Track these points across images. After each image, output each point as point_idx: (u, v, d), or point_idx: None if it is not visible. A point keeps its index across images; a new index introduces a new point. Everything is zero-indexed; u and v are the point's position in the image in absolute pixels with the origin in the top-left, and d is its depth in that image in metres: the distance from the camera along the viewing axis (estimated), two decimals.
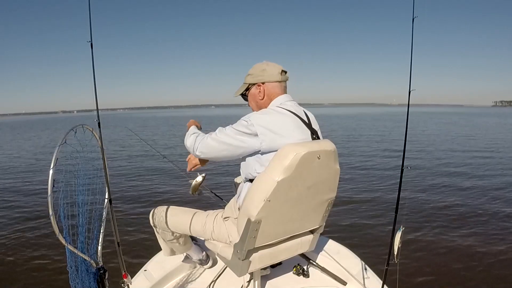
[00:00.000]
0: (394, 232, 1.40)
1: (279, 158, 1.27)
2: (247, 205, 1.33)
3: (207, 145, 1.39)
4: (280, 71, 1.48)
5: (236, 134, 1.34)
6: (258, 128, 1.31)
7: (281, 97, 1.47)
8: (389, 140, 14.20)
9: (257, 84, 1.49)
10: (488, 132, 18.80)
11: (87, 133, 1.31)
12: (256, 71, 1.50)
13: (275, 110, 1.41)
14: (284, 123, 1.36)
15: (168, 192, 5.80)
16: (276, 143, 1.32)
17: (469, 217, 4.42)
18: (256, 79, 1.49)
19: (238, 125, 1.34)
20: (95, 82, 1.26)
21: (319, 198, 1.47)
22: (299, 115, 1.43)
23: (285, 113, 1.40)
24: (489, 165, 8.33)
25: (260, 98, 1.49)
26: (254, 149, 1.34)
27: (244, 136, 1.33)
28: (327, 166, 1.39)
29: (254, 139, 1.32)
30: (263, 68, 1.49)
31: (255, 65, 1.52)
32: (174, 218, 1.67)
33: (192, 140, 1.46)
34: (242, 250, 1.38)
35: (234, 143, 1.34)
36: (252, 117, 1.34)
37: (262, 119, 1.33)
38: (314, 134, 1.44)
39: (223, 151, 1.37)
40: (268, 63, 1.51)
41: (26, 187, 6.51)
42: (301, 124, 1.41)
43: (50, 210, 1.04)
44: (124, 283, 1.30)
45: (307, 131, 1.42)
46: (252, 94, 1.52)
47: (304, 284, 1.83)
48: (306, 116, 1.47)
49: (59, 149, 1.08)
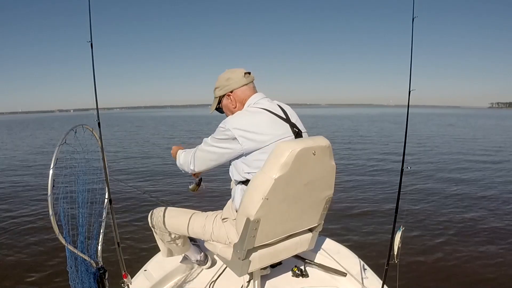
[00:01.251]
0: (394, 232, 1.40)
1: (275, 156, 1.28)
2: (246, 205, 1.34)
3: (197, 158, 1.47)
4: (243, 74, 1.50)
5: (216, 142, 1.39)
6: (234, 132, 1.33)
7: (252, 98, 1.49)
8: (389, 141, 14.21)
9: (226, 94, 1.52)
10: (488, 133, 18.83)
11: (87, 133, 1.31)
12: (222, 82, 1.52)
13: (248, 111, 1.44)
14: (259, 121, 1.37)
15: (167, 193, 5.80)
16: (256, 142, 1.34)
17: (469, 217, 4.43)
18: (225, 89, 1.52)
19: (216, 133, 1.39)
20: (95, 82, 1.26)
21: (316, 195, 1.48)
22: (273, 111, 1.43)
23: (259, 111, 1.42)
24: (490, 166, 8.35)
25: (234, 107, 1.52)
26: (237, 152, 1.37)
27: (224, 142, 1.37)
28: (322, 162, 1.40)
29: (234, 143, 1.35)
30: (227, 77, 1.51)
31: (219, 77, 1.55)
32: (173, 220, 1.67)
33: (184, 157, 1.54)
34: (242, 250, 1.39)
35: (217, 151, 1.40)
36: (227, 122, 1.37)
37: (236, 122, 1.36)
38: (294, 127, 1.44)
39: (211, 160, 1.44)
40: (231, 70, 1.53)
41: (25, 187, 6.50)
42: (277, 119, 1.42)
43: (50, 210, 1.04)
44: (124, 283, 1.30)
45: (285, 125, 1.42)
46: (225, 105, 1.55)
47: (304, 284, 1.84)
48: (283, 111, 1.48)
49: (59, 149, 1.08)
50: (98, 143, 1.32)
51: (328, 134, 17.04)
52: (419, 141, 13.55)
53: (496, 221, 4.29)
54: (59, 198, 1.16)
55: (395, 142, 13.64)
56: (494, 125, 26.95)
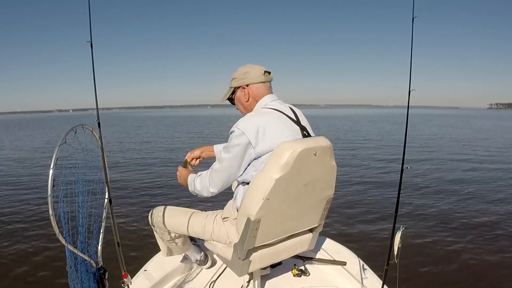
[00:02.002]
0: (394, 232, 1.40)
1: (276, 156, 1.28)
2: (246, 205, 1.34)
3: (214, 178, 1.40)
4: (263, 72, 1.50)
5: (232, 151, 1.35)
6: (248, 134, 1.32)
7: (266, 98, 1.49)
8: (389, 141, 14.21)
9: (241, 87, 1.51)
10: (489, 134, 18.83)
11: (87, 133, 1.30)
12: (239, 74, 1.52)
13: (260, 112, 1.43)
14: (272, 123, 1.37)
15: (168, 193, 5.80)
16: (268, 144, 1.32)
17: (469, 217, 4.43)
18: (240, 82, 1.51)
19: (230, 140, 1.36)
20: (95, 82, 1.26)
21: (317, 195, 1.48)
22: (285, 112, 1.44)
23: (271, 112, 1.42)
24: (490, 166, 8.35)
25: (246, 100, 1.51)
26: (253, 156, 1.35)
27: (240, 146, 1.33)
28: (323, 162, 1.40)
29: (249, 147, 1.33)
30: (245, 71, 1.51)
31: (238, 69, 1.55)
32: (173, 219, 1.67)
33: (200, 184, 1.46)
34: (242, 250, 1.38)
35: (234, 162, 1.36)
36: (239, 125, 1.35)
37: (249, 124, 1.34)
38: (304, 130, 1.45)
39: (230, 174, 1.38)
40: (251, 66, 1.53)
41: (25, 187, 6.50)
42: (289, 121, 1.42)
43: (50, 210, 1.04)
44: (124, 283, 1.30)
45: (295, 127, 1.43)
46: (238, 97, 1.55)
47: (303, 284, 1.83)
48: (294, 113, 1.48)
49: (59, 149, 1.08)
50: (98, 143, 1.32)
51: (328, 134, 17.05)
52: (419, 141, 13.55)
53: (497, 221, 4.29)
54: (59, 198, 1.16)
55: (395, 142, 13.65)
56: (494, 126, 26.98)
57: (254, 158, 1.36)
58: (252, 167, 1.39)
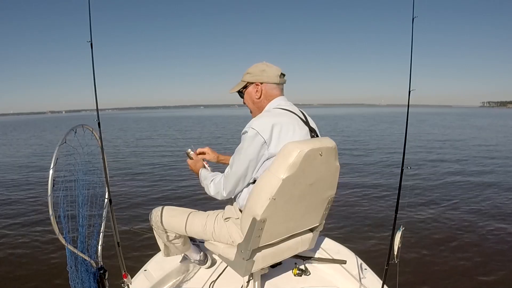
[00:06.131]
0: (394, 232, 1.40)
1: (283, 156, 1.27)
2: (252, 205, 1.33)
3: (228, 183, 1.40)
4: (279, 73, 1.50)
5: (246, 153, 1.33)
6: (264, 134, 1.31)
7: (278, 99, 1.49)
8: (388, 141, 14.21)
9: (255, 83, 1.50)
10: (484, 132, 18.83)
11: (87, 133, 1.30)
12: (256, 70, 1.51)
13: (274, 112, 1.43)
14: (288, 124, 1.37)
15: (168, 192, 5.80)
16: (280, 145, 1.32)
17: (469, 217, 4.43)
18: (255, 78, 1.50)
19: (244, 141, 1.35)
20: (95, 82, 1.25)
21: (320, 195, 1.48)
22: (298, 114, 1.45)
23: (285, 113, 1.42)
24: (490, 166, 8.34)
25: (257, 98, 1.51)
26: (266, 156, 1.34)
27: (254, 147, 1.32)
28: (328, 163, 1.40)
29: (263, 148, 1.32)
30: (262, 69, 1.50)
31: (254, 65, 1.54)
32: (173, 219, 1.67)
33: (214, 189, 1.46)
34: (246, 250, 1.38)
35: (247, 164, 1.34)
36: (253, 125, 1.33)
37: (264, 124, 1.33)
38: (313, 132, 1.46)
39: (243, 177, 1.37)
40: (268, 64, 1.52)
41: (25, 187, 6.50)
42: (301, 122, 1.43)
43: (50, 210, 1.04)
44: (124, 283, 1.30)
45: (306, 129, 1.44)
46: (249, 92, 1.54)
47: (303, 284, 1.84)
48: (303, 114, 1.50)
49: (59, 149, 1.08)
50: (98, 143, 1.32)
51: (328, 134, 16.98)
52: (419, 141, 13.54)
53: (498, 221, 4.29)
54: (59, 198, 1.16)
55: (395, 141, 13.64)
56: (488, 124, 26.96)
57: (266, 159, 1.35)
58: (262, 168, 1.37)
